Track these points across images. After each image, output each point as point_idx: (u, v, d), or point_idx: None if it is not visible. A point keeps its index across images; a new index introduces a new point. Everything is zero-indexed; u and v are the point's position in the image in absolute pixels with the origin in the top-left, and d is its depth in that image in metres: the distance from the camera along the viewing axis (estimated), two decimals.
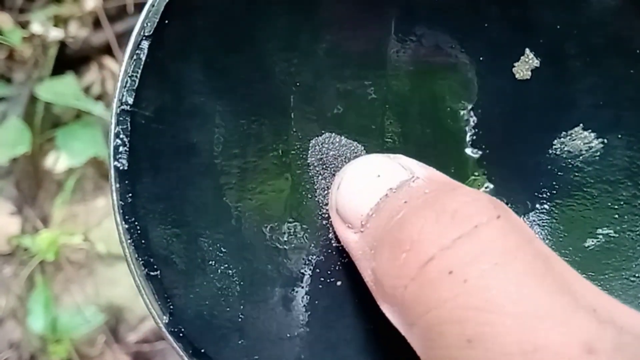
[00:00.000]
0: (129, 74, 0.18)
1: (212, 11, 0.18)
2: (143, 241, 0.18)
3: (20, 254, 0.72)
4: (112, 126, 0.17)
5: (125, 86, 0.17)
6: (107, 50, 0.76)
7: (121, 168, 0.17)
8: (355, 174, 0.19)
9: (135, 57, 0.17)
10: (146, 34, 0.17)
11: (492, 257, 0.14)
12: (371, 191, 0.18)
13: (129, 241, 0.18)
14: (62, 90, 0.70)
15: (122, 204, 0.18)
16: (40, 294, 0.70)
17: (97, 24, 0.75)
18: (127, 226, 0.18)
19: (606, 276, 0.21)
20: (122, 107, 0.17)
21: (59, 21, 0.74)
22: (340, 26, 0.20)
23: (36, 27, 0.72)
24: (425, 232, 0.15)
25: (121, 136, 0.17)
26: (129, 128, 0.17)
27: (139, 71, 0.17)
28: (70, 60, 0.75)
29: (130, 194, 0.18)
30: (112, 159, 0.17)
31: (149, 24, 0.17)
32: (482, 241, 0.15)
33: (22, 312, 0.71)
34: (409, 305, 0.15)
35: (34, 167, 0.75)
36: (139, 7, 0.74)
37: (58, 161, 0.74)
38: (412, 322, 0.15)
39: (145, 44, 0.17)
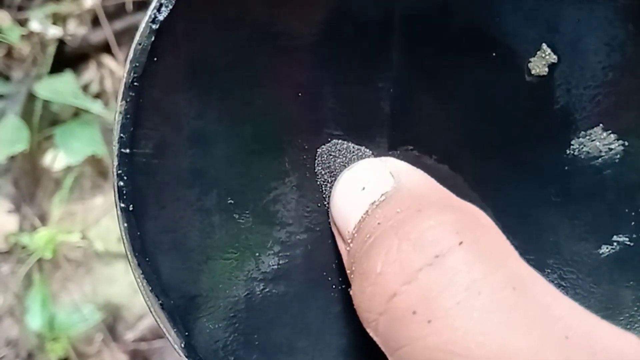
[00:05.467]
0: (125, 116, 0.18)
1: (200, 39, 0.18)
2: (155, 275, 0.18)
3: (18, 252, 0.72)
4: (114, 167, 0.18)
5: (122, 129, 0.18)
6: (105, 48, 0.76)
7: (128, 209, 0.18)
8: (344, 184, 0.19)
9: (128, 99, 0.17)
10: (137, 75, 0.17)
11: (455, 294, 0.13)
12: (355, 205, 0.17)
13: (141, 275, 0.18)
14: (60, 88, 0.70)
15: (132, 241, 0.18)
16: (38, 292, 0.70)
17: (95, 22, 0.75)
18: (137, 261, 0.18)
19: (616, 286, 0.20)
20: (122, 149, 0.18)
21: (58, 19, 0.74)
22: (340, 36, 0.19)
23: (35, 25, 0.72)
24: (387, 264, 0.14)
25: (124, 177, 0.18)
26: (132, 169, 0.18)
27: (134, 113, 0.18)
28: (68, 58, 0.75)
29: (138, 232, 0.18)
30: (117, 200, 0.18)
31: (137, 65, 0.17)
32: (444, 273, 0.14)
33: (20, 310, 0.71)
34: (382, 340, 0.15)
35: (32, 165, 0.75)
36: (137, 5, 0.74)
37: (56, 159, 0.74)
38: (389, 353, 0.15)
39: (137, 85, 0.17)
